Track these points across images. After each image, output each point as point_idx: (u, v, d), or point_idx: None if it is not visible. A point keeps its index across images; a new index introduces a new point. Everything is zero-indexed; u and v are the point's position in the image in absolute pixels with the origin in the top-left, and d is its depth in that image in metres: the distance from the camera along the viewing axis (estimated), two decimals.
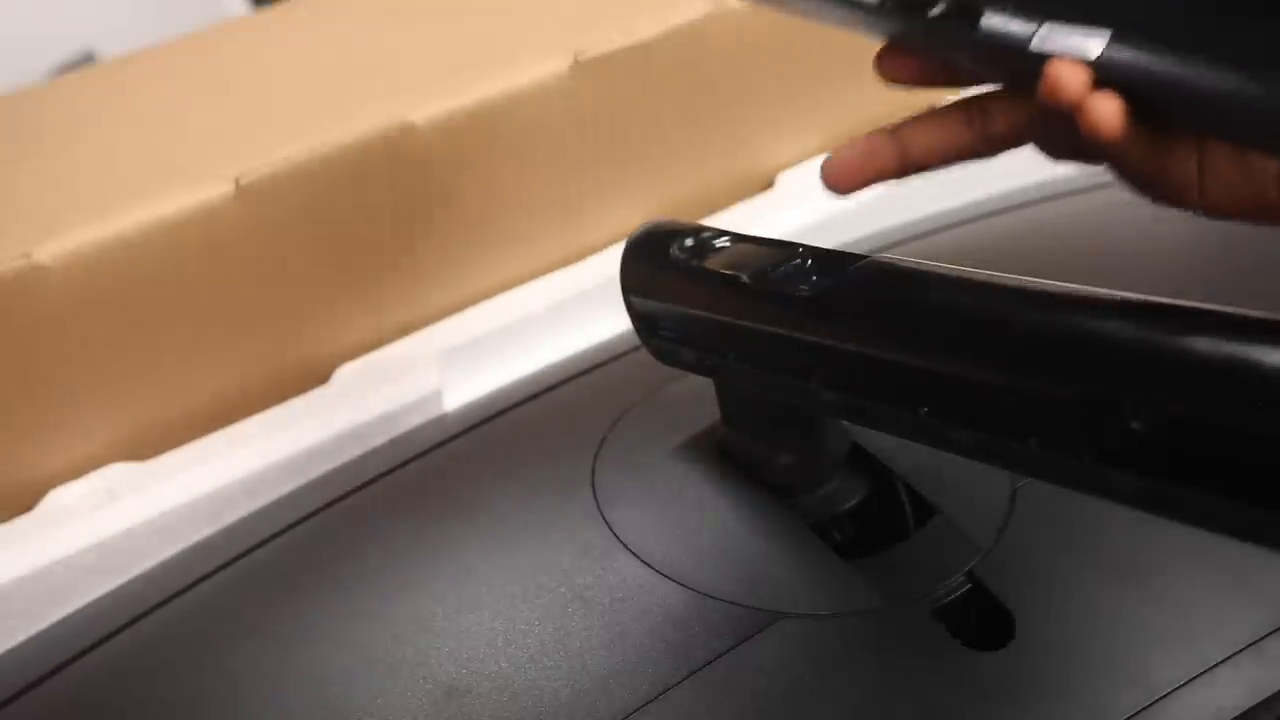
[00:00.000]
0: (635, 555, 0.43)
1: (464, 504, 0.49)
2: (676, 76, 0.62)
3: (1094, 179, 0.66)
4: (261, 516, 0.53)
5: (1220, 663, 0.37)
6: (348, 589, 0.46)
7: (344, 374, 0.59)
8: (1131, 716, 0.36)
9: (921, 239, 0.63)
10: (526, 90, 0.58)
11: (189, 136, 0.60)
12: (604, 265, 0.63)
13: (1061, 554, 0.41)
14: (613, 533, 0.44)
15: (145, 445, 0.56)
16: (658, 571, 0.42)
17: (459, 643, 0.41)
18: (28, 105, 0.68)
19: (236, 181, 0.53)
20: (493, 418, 0.54)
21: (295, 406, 0.57)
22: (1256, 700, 0.36)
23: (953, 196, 0.67)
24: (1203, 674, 0.37)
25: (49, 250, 0.51)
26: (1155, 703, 0.36)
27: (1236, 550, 0.28)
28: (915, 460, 0.45)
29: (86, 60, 1.13)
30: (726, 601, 0.41)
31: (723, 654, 0.39)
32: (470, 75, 0.59)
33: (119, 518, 0.51)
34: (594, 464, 0.48)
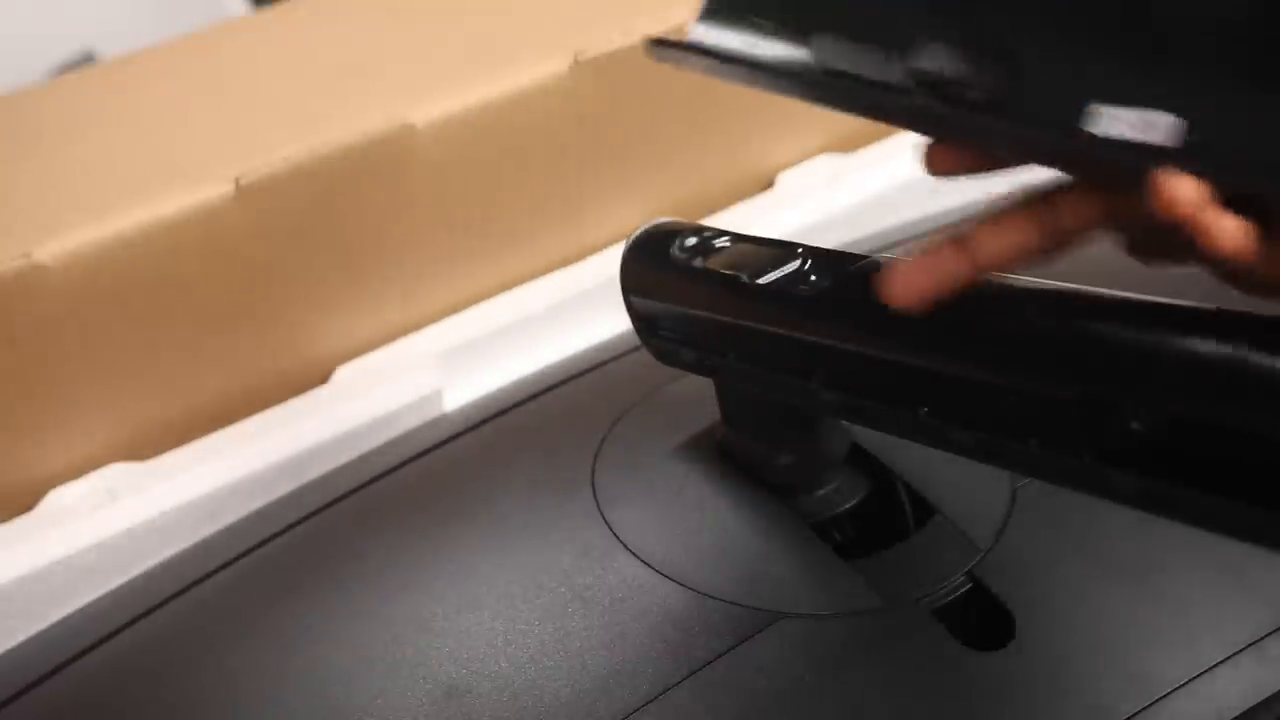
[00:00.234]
0: (635, 555, 0.43)
1: (464, 504, 0.49)
2: (676, 76, 0.62)
3: None
4: (261, 516, 0.53)
5: (1220, 663, 0.37)
6: (348, 589, 0.45)
7: (344, 374, 0.59)
8: (1131, 716, 0.36)
9: (921, 239, 0.63)
10: (526, 90, 0.58)
11: (189, 136, 0.60)
12: (604, 265, 0.63)
13: (1061, 554, 0.41)
14: (613, 533, 0.44)
15: (145, 445, 0.56)
16: (658, 571, 0.42)
17: (459, 643, 0.41)
18: (28, 105, 0.68)
19: (236, 181, 0.53)
20: (493, 418, 0.54)
21: (295, 406, 0.57)
22: (1256, 700, 0.36)
23: (953, 197, 0.67)
24: (1203, 674, 0.37)
25: (49, 250, 0.51)
26: (1155, 703, 0.36)
27: (1236, 550, 0.28)
28: (915, 460, 0.45)
29: (86, 60, 1.13)
30: (726, 601, 0.41)
31: (723, 654, 0.39)
32: (470, 75, 0.59)
33: (119, 518, 0.51)
34: (594, 464, 0.48)
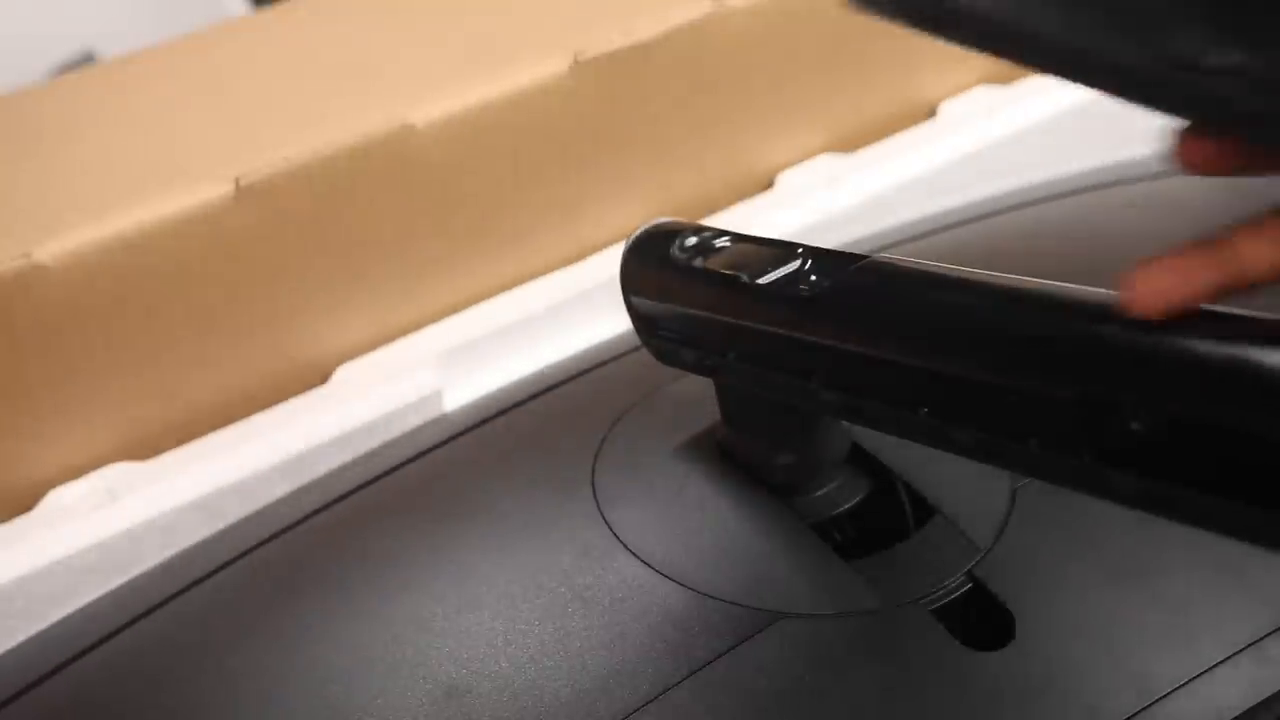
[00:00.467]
0: (635, 555, 0.43)
1: (464, 504, 0.49)
2: (676, 76, 0.62)
3: (1094, 179, 0.66)
4: (261, 516, 0.53)
5: (1220, 663, 0.37)
6: (348, 589, 0.45)
7: (344, 374, 0.59)
8: (1131, 716, 0.36)
9: (921, 239, 0.63)
10: (526, 90, 0.58)
11: (189, 136, 0.60)
12: (604, 265, 0.63)
13: (1061, 554, 0.41)
14: (613, 533, 0.44)
15: (145, 445, 0.56)
16: (658, 571, 0.42)
17: (459, 643, 0.41)
18: (28, 105, 0.68)
19: (236, 181, 0.53)
20: (493, 418, 0.54)
21: (295, 406, 0.57)
22: (1257, 700, 0.36)
23: (953, 196, 0.67)
24: (1203, 674, 0.37)
25: (49, 250, 0.51)
26: (1155, 703, 0.36)
27: (1236, 550, 0.28)
28: (915, 460, 0.45)
29: (86, 60, 1.13)
30: (726, 601, 0.41)
31: (723, 654, 0.39)
32: (470, 75, 0.59)
33: (119, 518, 0.51)
34: (594, 464, 0.48)
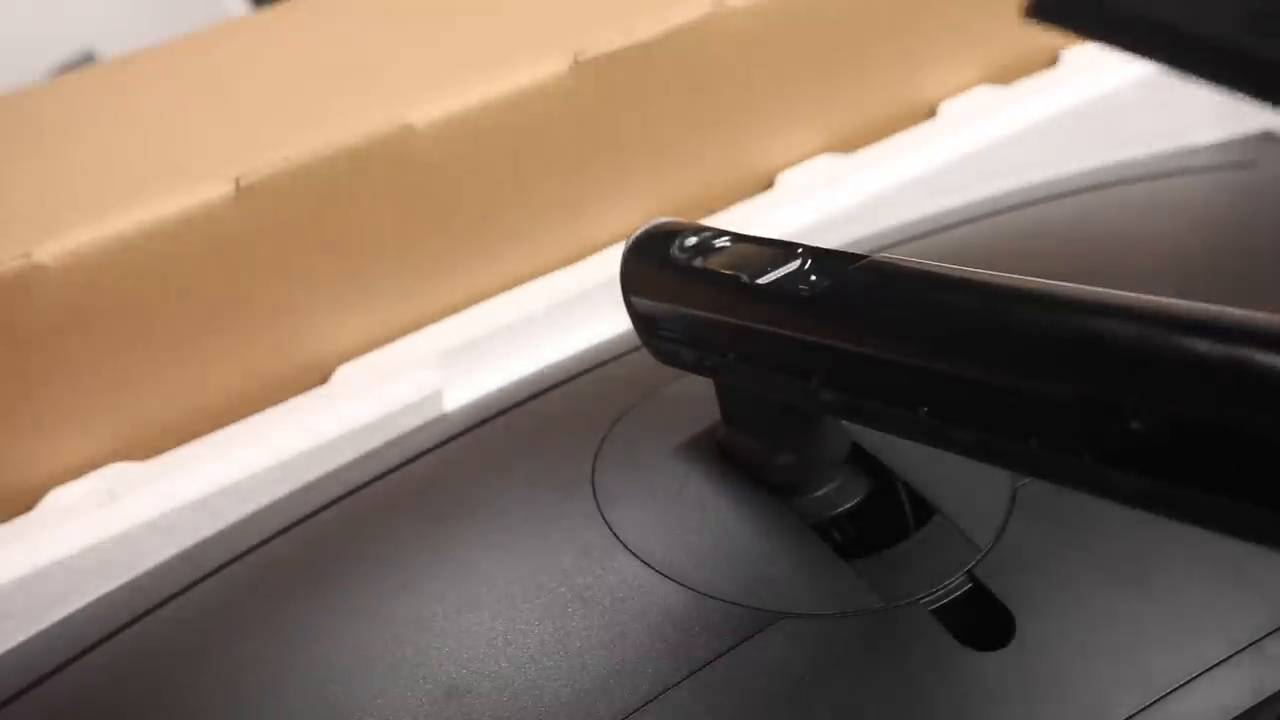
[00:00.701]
0: (635, 555, 0.43)
1: (464, 504, 0.48)
2: (676, 76, 0.62)
3: (1094, 179, 0.66)
4: (261, 516, 0.53)
5: (1220, 663, 0.37)
6: (348, 589, 0.45)
7: (344, 374, 0.59)
8: (1131, 716, 0.36)
9: (921, 239, 0.63)
10: (526, 90, 0.58)
11: (189, 136, 0.60)
12: (604, 265, 0.63)
13: (1061, 554, 0.41)
14: (613, 533, 0.44)
15: (145, 445, 0.56)
16: (658, 571, 0.42)
17: (459, 643, 0.41)
18: (28, 105, 0.68)
19: (236, 181, 0.53)
20: (493, 418, 0.54)
21: (295, 406, 0.57)
22: (1257, 700, 0.36)
23: (953, 196, 0.67)
24: (1203, 674, 0.37)
25: (49, 250, 0.51)
26: (1155, 703, 0.36)
27: (1236, 550, 0.28)
28: (915, 460, 0.45)
29: (86, 60, 1.13)
30: (726, 601, 0.41)
31: (723, 654, 0.39)
32: (470, 75, 0.59)
33: (119, 518, 0.51)
34: (594, 464, 0.48)
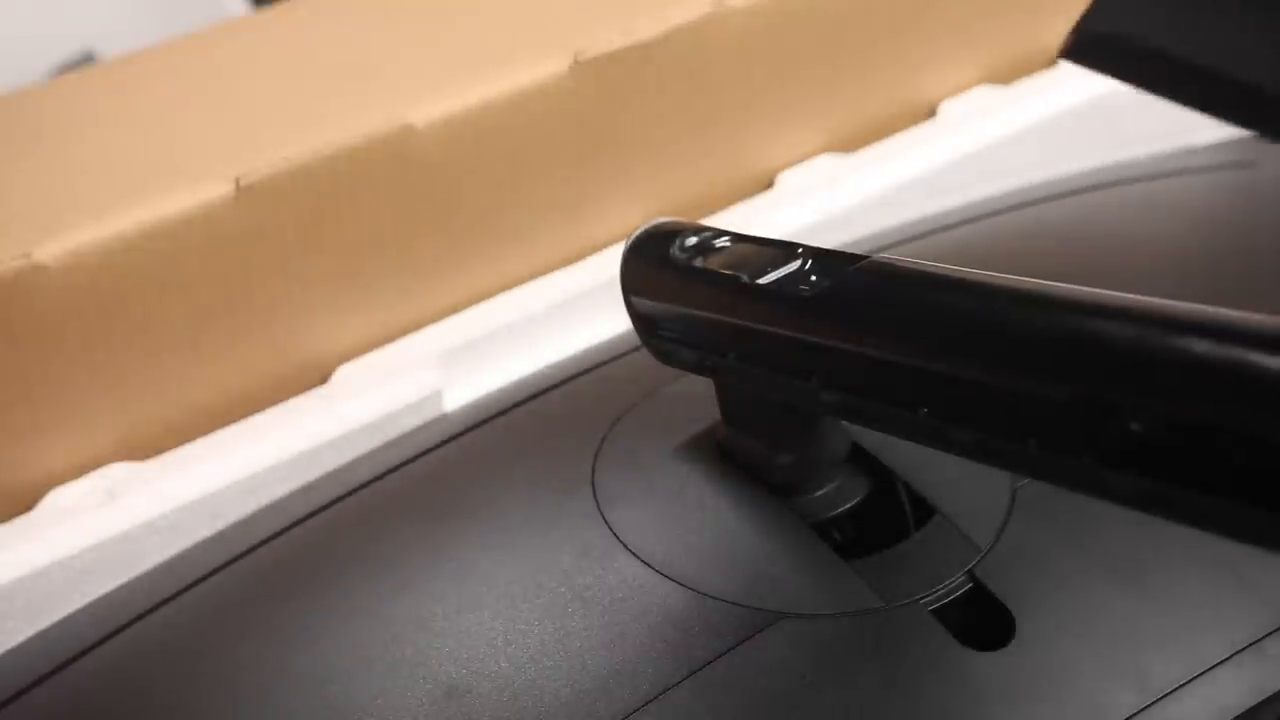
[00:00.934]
0: (635, 555, 0.43)
1: (464, 504, 0.49)
2: (676, 76, 0.62)
3: (1093, 179, 0.66)
4: (261, 516, 0.53)
5: (1220, 663, 0.37)
6: (347, 589, 0.45)
7: (344, 374, 0.59)
8: (1131, 716, 0.36)
9: (921, 239, 0.63)
10: (526, 90, 0.58)
11: (189, 136, 0.60)
12: (604, 265, 0.63)
13: (1061, 554, 0.41)
14: (613, 533, 0.44)
15: (145, 445, 0.56)
16: (658, 571, 0.42)
17: (459, 643, 0.41)
18: (28, 105, 0.68)
19: (236, 181, 0.53)
20: (493, 418, 0.54)
21: (295, 406, 0.57)
22: (1257, 700, 0.36)
23: (953, 196, 0.67)
24: (1203, 674, 0.37)
25: (49, 250, 0.51)
26: (1155, 703, 0.36)
27: (1236, 550, 0.28)
28: (915, 460, 0.45)
29: (86, 60, 1.13)
30: (726, 601, 0.41)
31: (723, 654, 0.39)
32: (470, 75, 0.59)
33: (119, 518, 0.51)
34: (594, 464, 0.48)
